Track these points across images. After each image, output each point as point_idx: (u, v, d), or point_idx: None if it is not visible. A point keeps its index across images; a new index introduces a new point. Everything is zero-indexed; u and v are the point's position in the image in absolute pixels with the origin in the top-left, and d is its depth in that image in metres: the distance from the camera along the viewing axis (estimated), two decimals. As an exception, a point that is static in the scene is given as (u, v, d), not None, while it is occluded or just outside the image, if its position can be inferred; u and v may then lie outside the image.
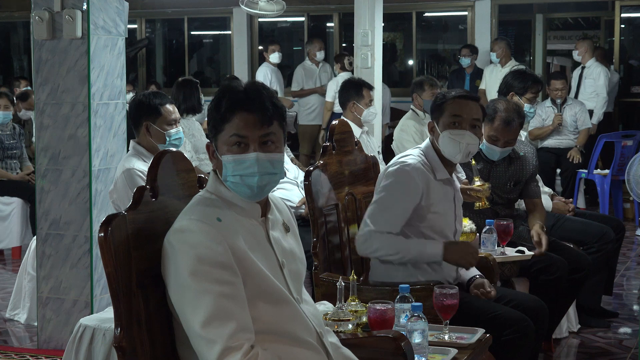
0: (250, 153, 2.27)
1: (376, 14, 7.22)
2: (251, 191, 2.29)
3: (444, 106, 3.49)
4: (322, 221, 3.52)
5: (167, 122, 4.12)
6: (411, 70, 12.64)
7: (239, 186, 2.28)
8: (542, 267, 4.22)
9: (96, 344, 3.67)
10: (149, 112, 4.11)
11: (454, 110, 3.46)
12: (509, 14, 12.43)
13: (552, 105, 8.45)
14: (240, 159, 2.27)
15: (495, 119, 4.24)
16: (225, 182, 2.30)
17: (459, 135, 3.43)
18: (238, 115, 2.27)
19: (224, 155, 2.29)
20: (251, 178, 2.27)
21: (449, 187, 3.53)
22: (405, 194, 3.40)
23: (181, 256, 2.19)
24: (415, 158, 3.48)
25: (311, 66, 10.25)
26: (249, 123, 2.27)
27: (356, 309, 2.91)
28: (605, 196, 8.25)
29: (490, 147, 4.28)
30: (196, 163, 6.38)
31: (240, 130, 2.26)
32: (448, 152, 3.46)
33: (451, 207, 3.53)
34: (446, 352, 2.89)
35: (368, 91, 6.16)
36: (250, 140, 2.27)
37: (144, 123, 4.11)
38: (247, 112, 2.27)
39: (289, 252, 2.39)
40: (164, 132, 4.11)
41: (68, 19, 4.61)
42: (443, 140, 3.46)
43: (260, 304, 2.24)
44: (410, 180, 3.40)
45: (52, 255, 4.74)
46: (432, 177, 3.46)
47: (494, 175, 4.36)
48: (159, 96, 4.19)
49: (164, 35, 14.35)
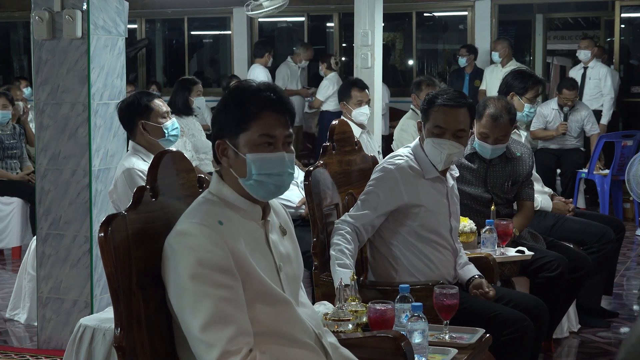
0: (279, 152, 2.29)
1: (376, 14, 7.22)
2: (275, 190, 2.31)
3: (430, 112, 3.50)
4: (322, 221, 3.52)
5: (160, 115, 4.17)
6: (411, 70, 12.64)
7: (264, 185, 2.29)
8: (541, 265, 4.23)
9: (96, 344, 3.67)
10: (140, 111, 4.15)
11: (437, 121, 3.47)
12: (509, 14, 12.43)
13: (558, 110, 8.43)
14: (270, 158, 2.28)
15: (484, 115, 4.25)
16: (248, 180, 2.29)
17: (440, 145, 3.46)
18: (267, 115, 2.28)
19: (249, 154, 2.28)
20: (278, 177, 2.30)
21: (440, 184, 3.54)
22: (383, 190, 3.47)
23: (182, 259, 2.18)
24: (403, 158, 3.52)
25: (294, 67, 10.46)
26: (278, 123, 2.29)
27: (356, 309, 2.92)
28: (605, 196, 8.25)
29: (481, 144, 4.29)
30: (196, 163, 6.38)
31: (271, 130, 2.28)
32: (431, 158, 3.52)
33: (444, 204, 3.53)
34: (446, 352, 2.89)
35: (358, 91, 6.12)
36: (277, 140, 2.30)
37: (139, 122, 4.14)
38: (275, 112, 2.29)
39: (286, 255, 2.39)
40: (161, 126, 4.15)
41: (68, 19, 4.61)
42: (427, 146, 3.51)
43: (258, 306, 2.24)
44: (391, 178, 3.46)
45: (52, 255, 4.74)
46: (421, 176, 3.49)
47: (490, 175, 4.36)
48: (145, 94, 4.26)
49: (164, 35, 14.35)
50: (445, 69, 13.30)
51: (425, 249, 3.48)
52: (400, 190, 3.44)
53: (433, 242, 3.49)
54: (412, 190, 3.46)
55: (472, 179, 4.32)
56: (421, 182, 3.49)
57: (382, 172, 3.52)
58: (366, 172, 3.93)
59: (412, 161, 3.51)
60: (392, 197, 3.46)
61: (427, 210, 3.47)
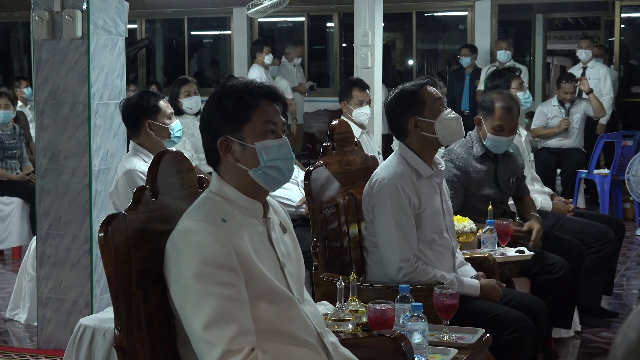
0: (282, 138, 2.35)
1: (376, 14, 7.22)
2: (287, 174, 2.37)
3: (420, 97, 3.47)
4: (322, 221, 3.52)
5: (166, 116, 4.20)
6: (411, 70, 12.64)
7: (277, 170, 2.33)
8: (543, 267, 4.23)
9: (96, 344, 3.67)
10: (148, 111, 4.15)
11: (433, 96, 3.48)
12: (509, 14, 12.44)
13: (558, 106, 8.45)
14: (277, 143, 2.33)
15: (495, 109, 4.28)
16: (260, 169, 2.31)
17: (450, 114, 3.48)
18: (264, 104, 2.33)
19: (258, 142, 2.31)
20: (289, 162, 2.36)
21: (433, 180, 3.52)
22: (403, 209, 3.38)
23: (185, 257, 2.18)
24: (396, 169, 3.44)
25: (289, 66, 10.54)
26: (275, 111, 2.35)
27: (356, 309, 2.91)
28: (605, 196, 8.25)
29: (496, 139, 4.29)
30: (196, 163, 6.37)
31: (272, 117, 2.34)
32: (451, 133, 3.47)
33: (438, 201, 3.51)
34: (446, 352, 2.89)
35: (359, 91, 6.10)
36: (278, 127, 2.35)
37: (146, 122, 4.14)
38: (271, 101, 2.35)
39: (287, 253, 2.39)
40: (167, 127, 4.17)
41: (68, 19, 4.61)
42: (440, 125, 3.45)
43: (261, 304, 2.24)
44: (403, 195, 3.39)
45: (52, 255, 4.74)
46: (417, 177, 3.45)
47: (500, 173, 4.37)
48: (152, 94, 4.28)
49: (164, 35, 14.35)
50: (445, 69, 13.30)
51: (425, 250, 3.46)
52: (410, 198, 3.41)
53: (433, 243, 3.48)
54: (417, 194, 3.44)
55: (485, 180, 4.32)
56: (418, 183, 3.46)
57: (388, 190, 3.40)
58: (366, 172, 3.93)
59: (405, 166, 3.46)
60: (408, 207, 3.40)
61: (428, 212, 3.46)
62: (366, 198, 3.52)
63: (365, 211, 3.53)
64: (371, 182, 3.50)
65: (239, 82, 2.38)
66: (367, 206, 3.50)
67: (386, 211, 3.40)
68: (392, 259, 3.38)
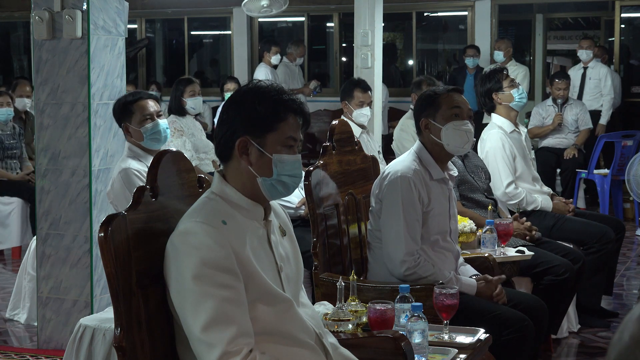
0: (297, 155, 2.36)
1: (376, 14, 7.22)
2: (292, 189, 2.37)
3: (438, 100, 3.48)
4: (322, 221, 3.52)
5: (141, 118, 4.14)
6: (411, 70, 12.64)
7: (284, 185, 2.33)
8: (548, 268, 4.23)
9: (96, 344, 3.67)
10: (124, 113, 4.17)
11: (452, 103, 3.47)
12: (509, 14, 12.43)
13: (553, 104, 8.47)
14: (292, 160, 2.33)
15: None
16: (270, 180, 2.31)
17: (463, 125, 3.45)
18: (292, 118, 2.33)
19: (276, 154, 2.31)
20: (298, 180, 2.38)
21: (444, 185, 3.53)
22: (413, 203, 3.40)
23: (184, 258, 2.18)
24: (410, 165, 3.46)
25: (292, 66, 10.52)
26: (298, 127, 2.36)
27: (356, 309, 2.92)
28: (605, 196, 8.25)
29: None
30: (196, 163, 6.37)
31: (295, 132, 2.34)
32: (455, 144, 3.46)
33: (446, 205, 3.53)
34: (446, 352, 2.89)
35: (361, 92, 6.08)
36: (296, 144, 2.36)
37: (123, 125, 4.16)
38: (297, 115, 2.35)
39: (285, 256, 2.39)
40: (139, 129, 4.14)
41: (68, 19, 4.61)
42: (447, 133, 3.45)
43: (260, 306, 2.24)
44: (414, 190, 3.40)
45: (52, 255, 4.74)
46: (429, 178, 3.47)
47: (468, 165, 4.44)
48: (132, 95, 4.26)
49: (164, 35, 14.35)
50: (445, 68, 13.30)
51: (428, 250, 3.47)
52: (420, 194, 3.42)
53: (436, 245, 3.48)
54: (427, 194, 3.45)
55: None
56: (430, 184, 3.48)
57: (400, 183, 3.41)
58: (366, 172, 3.93)
59: (419, 165, 3.48)
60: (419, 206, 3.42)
61: (435, 212, 3.46)
62: (376, 189, 3.53)
63: (373, 202, 3.53)
64: (383, 175, 3.51)
65: (272, 87, 2.35)
66: (377, 197, 3.51)
67: (396, 204, 3.40)
68: (396, 251, 3.38)
